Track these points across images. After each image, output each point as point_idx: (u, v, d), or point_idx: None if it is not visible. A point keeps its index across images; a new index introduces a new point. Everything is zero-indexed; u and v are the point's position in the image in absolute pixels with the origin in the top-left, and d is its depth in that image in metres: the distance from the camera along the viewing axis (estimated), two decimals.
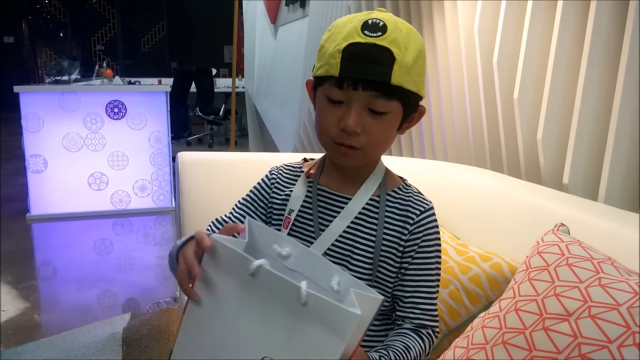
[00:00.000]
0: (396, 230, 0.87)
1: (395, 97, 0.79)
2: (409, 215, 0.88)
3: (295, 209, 0.90)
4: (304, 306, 0.61)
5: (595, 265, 0.80)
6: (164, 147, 4.10)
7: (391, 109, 0.80)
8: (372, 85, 0.77)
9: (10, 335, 2.21)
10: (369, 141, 0.81)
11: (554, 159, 1.40)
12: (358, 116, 0.79)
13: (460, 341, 0.90)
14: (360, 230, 0.87)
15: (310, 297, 0.61)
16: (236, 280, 0.65)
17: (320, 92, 0.83)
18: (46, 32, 12.14)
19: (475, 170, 1.52)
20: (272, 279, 0.63)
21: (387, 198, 0.89)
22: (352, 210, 0.87)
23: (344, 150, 0.82)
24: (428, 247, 0.88)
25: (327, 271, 0.71)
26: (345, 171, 0.90)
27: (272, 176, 0.96)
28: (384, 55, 0.76)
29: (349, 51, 0.77)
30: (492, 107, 1.63)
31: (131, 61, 11.86)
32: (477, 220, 1.31)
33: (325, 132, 0.83)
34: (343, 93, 0.79)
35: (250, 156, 1.70)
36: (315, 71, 0.84)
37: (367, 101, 0.79)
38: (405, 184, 0.93)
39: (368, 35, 0.77)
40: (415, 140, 2.21)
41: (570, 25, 1.33)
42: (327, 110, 0.82)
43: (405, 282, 0.87)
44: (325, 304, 0.61)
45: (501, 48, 1.53)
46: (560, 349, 0.72)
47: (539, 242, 0.92)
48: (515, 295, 0.86)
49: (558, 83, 1.37)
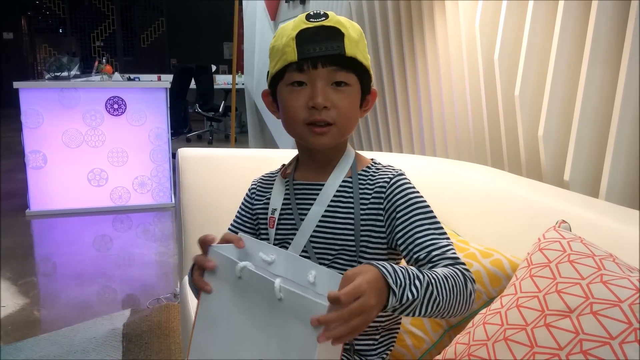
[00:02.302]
0: (373, 203, 0.89)
1: (352, 70, 0.86)
2: (380, 184, 0.89)
3: (277, 207, 0.94)
4: (280, 302, 0.66)
5: (597, 261, 0.80)
6: (164, 144, 4.10)
7: (350, 80, 0.86)
8: (330, 60, 0.83)
9: (10, 331, 2.21)
10: (339, 114, 0.85)
11: (554, 156, 1.40)
12: (324, 91, 0.84)
13: (461, 337, 0.90)
14: (338, 212, 0.89)
15: (284, 291, 0.66)
16: (232, 283, 0.71)
17: (282, 85, 0.88)
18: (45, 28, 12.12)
19: (476, 167, 1.52)
20: (254, 278, 0.69)
21: (358, 177, 0.92)
22: (327, 195, 0.90)
23: (319, 130, 0.86)
24: (408, 201, 0.86)
25: (305, 268, 0.74)
26: (319, 159, 0.93)
27: (252, 188, 1.02)
28: (333, 32, 0.84)
29: (301, 36, 0.84)
30: (493, 104, 1.63)
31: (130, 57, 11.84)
32: (478, 217, 1.31)
33: (295, 117, 0.86)
34: (305, 75, 0.84)
35: (250, 153, 1.70)
36: (271, 69, 0.89)
37: (329, 76, 0.84)
38: (374, 162, 0.96)
39: (314, 21, 0.84)
40: (415, 137, 2.21)
41: (572, 22, 1.33)
42: (292, 96, 0.86)
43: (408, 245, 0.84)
44: (296, 297, 0.65)
45: (502, 45, 1.52)
46: (562, 346, 0.72)
47: (541, 239, 0.92)
48: (517, 291, 0.86)
49: (559, 80, 1.37)
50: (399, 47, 2.26)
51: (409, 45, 2.17)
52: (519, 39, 1.49)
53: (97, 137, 3.93)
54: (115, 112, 3.94)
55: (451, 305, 0.76)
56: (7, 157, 6.01)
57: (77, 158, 3.91)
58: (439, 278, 0.75)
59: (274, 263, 0.77)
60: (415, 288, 0.72)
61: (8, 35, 11.85)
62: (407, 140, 2.30)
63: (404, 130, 2.30)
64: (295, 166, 0.98)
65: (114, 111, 3.93)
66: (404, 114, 2.29)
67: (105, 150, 3.97)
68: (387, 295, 0.69)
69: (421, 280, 0.73)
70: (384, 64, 2.35)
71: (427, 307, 0.73)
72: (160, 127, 4.06)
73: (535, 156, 1.47)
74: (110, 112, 3.93)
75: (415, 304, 0.72)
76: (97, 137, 3.93)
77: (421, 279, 0.73)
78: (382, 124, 2.49)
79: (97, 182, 4.00)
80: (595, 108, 1.29)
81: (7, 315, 2.36)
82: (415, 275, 0.73)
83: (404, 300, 0.71)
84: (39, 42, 12.17)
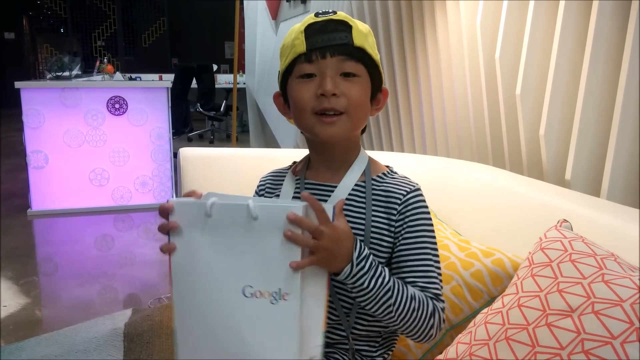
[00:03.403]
0: (384, 213, 0.88)
1: (361, 61, 0.86)
2: (395, 197, 0.89)
3: None
4: (256, 220, 0.69)
5: (599, 261, 0.80)
6: (165, 143, 4.10)
7: (360, 71, 0.86)
8: (338, 49, 0.84)
9: (12, 331, 2.21)
10: (349, 103, 0.85)
11: (556, 155, 1.40)
12: (333, 80, 0.84)
13: (462, 337, 0.90)
14: (348, 216, 0.88)
15: (258, 208, 0.69)
16: (201, 227, 0.72)
17: (292, 79, 0.88)
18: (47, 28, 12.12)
19: (477, 166, 1.52)
20: (225, 209, 0.71)
21: (372, 183, 0.91)
22: (338, 197, 0.89)
23: (328, 119, 0.85)
24: (418, 225, 0.87)
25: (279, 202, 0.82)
26: (330, 159, 0.93)
27: (260, 184, 1.01)
28: (341, 25, 0.85)
29: (310, 29, 0.85)
30: (494, 103, 1.63)
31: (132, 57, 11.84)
32: (479, 216, 1.31)
33: (304, 108, 0.86)
34: (314, 66, 0.85)
35: (252, 152, 1.70)
36: (282, 66, 0.90)
37: (338, 66, 0.85)
38: (391, 170, 0.95)
39: (322, 16, 0.86)
40: (417, 136, 2.21)
41: (573, 21, 1.33)
42: (302, 87, 0.86)
43: (401, 266, 0.86)
44: (272, 209, 0.69)
45: (503, 44, 1.52)
46: (563, 345, 0.72)
47: (542, 238, 0.92)
48: (518, 291, 0.85)
49: (560, 79, 1.36)
50: (400, 46, 2.26)
51: (410, 44, 2.17)
52: (520, 37, 1.49)
53: (98, 137, 3.93)
54: (116, 112, 3.94)
55: (404, 322, 0.81)
56: (8, 156, 6.01)
57: (78, 158, 3.91)
58: (405, 294, 0.81)
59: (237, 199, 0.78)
60: (375, 281, 0.79)
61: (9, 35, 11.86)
62: (408, 139, 2.29)
63: (405, 129, 2.30)
64: (307, 165, 0.96)
65: (115, 111, 3.93)
66: (405, 112, 2.29)
67: (107, 149, 3.97)
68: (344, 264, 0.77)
69: (385, 281, 0.80)
70: (385, 63, 2.35)
71: (379, 307, 0.80)
72: (161, 126, 4.06)
73: (537, 155, 1.46)
74: (111, 111, 3.93)
75: (368, 296, 0.79)
76: (98, 136, 3.93)
77: (386, 280, 0.80)
78: (383, 123, 2.49)
79: (98, 181, 4.00)
80: (597, 107, 1.29)
81: (8, 315, 2.36)
82: (382, 274, 0.80)
83: (359, 282, 0.78)
84: (41, 41, 12.17)
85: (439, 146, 2.04)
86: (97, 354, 2.02)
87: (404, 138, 2.30)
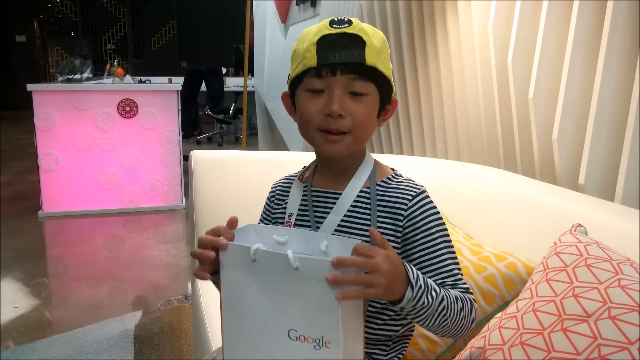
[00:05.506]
0: (390, 218, 0.88)
1: (371, 80, 0.84)
2: (401, 201, 0.88)
3: (293, 212, 0.94)
4: (297, 270, 0.70)
5: (615, 266, 0.79)
6: (175, 146, 4.12)
7: (369, 90, 0.85)
8: (349, 68, 0.82)
9: (23, 332, 2.23)
10: (354, 123, 0.84)
11: (569, 159, 1.39)
12: (340, 99, 0.83)
13: (476, 342, 0.89)
14: (354, 222, 0.88)
15: (297, 259, 0.69)
16: (246, 270, 0.74)
17: (300, 89, 0.87)
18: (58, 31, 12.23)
19: (489, 170, 1.51)
20: (268, 257, 0.72)
21: (377, 188, 0.90)
22: (344, 204, 0.89)
23: (332, 137, 0.85)
24: (432, 227, 0.87)
25: (318, 240, 0.79)
26: (336, 167, 0.93)
27: (271, 192, 1.02)
28: (355, 40, 0.83)
29: (322, 42, 0.83)
30: (506, 107, 1.62)
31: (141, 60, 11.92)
32: (491, 220, 1.30)
33: (310, 123, 0.86)
34: (323, 81, 0.83)
35: (262, 155, 1.70)
36: (292, 72, 0.89)
37: (347, 85, 0.83)
38: (395, 174, 0.94)
39: (337, 27, 0.84)
40: (427, 139, 2.20)
41: (587, 23, 1.32)
42: (309, 102, 0.86)
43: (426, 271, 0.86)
44: (310, 262, 0.69)
45: (516, 47, 1.51)
46: (579, 350, 0.71)
47: (557, 243, 0.91)
48: (533, 295, 0.85)
49: (574, 82, 1.35)
50: (410, 48, 2.26)
51: (420, 46, 2.16)
52: (532, 40, 1.48)
53: (108, 140, 3.96)
54: (127, 115, 3.96)
55: (455, 325, 0.81)
56: (20, 159, 6.07)
57: (89, 160, 3.94)
58: (450, 297, 0.80)
59: (287, 242, 0.81)
60: (431, 296, 0.77)
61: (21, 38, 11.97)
62: (418, 142, 2.29)
63: (416, 132, 2.29)
64: (314, 171, 0.97)
65: (125, 113, 3.96)
66: (415, 115, 2.28)
67: (117, 152, 3.99)
68: (402, 289, 0.74)
69: (437, 291, 0.78)
70: (396, 65, 2.35)
71: (437, 320, 0.79)
72: (171, 129, 4.08)
73: (550, 159, 1.45)
74: (122, 114, 3.95)
75: (428, 312, 0.77)
76: (108, 139, 3.96)
77: (437, 291, 0.78)
78: (393, 126, 2.49)
79: (108, 184, 4.03)
80: (611, 110, 1.28)
81: (19, 316, 2.38)
82: (432, 286, 0.78)
83: (420, 302, 0.76)
84: (51, 45, 12.28)
85: (449, 149, 2.03)
86: (108, 355, 2.03)
87: (414, 141, 2.30)
